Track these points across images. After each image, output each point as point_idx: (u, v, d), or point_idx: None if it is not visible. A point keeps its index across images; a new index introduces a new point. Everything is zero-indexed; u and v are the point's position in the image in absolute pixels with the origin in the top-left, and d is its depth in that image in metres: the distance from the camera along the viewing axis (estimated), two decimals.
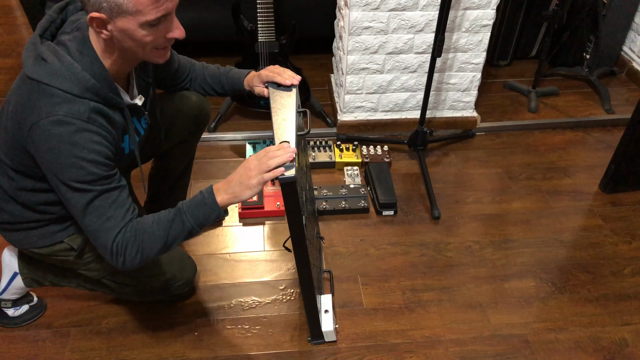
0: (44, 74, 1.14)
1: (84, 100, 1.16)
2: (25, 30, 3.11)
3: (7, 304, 1.60)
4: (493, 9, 2.12)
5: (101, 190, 1.18)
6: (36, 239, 1.39)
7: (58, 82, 1.14)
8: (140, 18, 1.11)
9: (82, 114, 1.14)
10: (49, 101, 1.13)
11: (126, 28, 1.12)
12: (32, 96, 1.15)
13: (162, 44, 1.20)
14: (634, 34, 2.80)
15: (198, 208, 1.24)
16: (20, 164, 1.26)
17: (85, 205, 1.18)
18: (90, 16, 1.10)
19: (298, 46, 2.32)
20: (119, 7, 1.09)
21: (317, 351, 1.57)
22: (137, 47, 1.17)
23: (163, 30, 1.17)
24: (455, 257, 1.88)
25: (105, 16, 1.10)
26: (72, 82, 1.14)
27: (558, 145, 2.40)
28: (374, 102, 2.33)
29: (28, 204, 1.33)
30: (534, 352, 1.60)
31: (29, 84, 1.16)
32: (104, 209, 1.19)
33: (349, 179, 2.18)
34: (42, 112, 1.13)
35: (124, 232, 1.21)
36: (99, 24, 1.12)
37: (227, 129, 2.39)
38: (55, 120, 1.12)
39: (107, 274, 1.50)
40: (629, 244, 1.95)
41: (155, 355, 1.56)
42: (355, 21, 2.07)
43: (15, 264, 1.55)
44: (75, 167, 1.15)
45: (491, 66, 2.88)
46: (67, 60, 1.15)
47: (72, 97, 1.14)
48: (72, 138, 1.13)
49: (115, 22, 1.12)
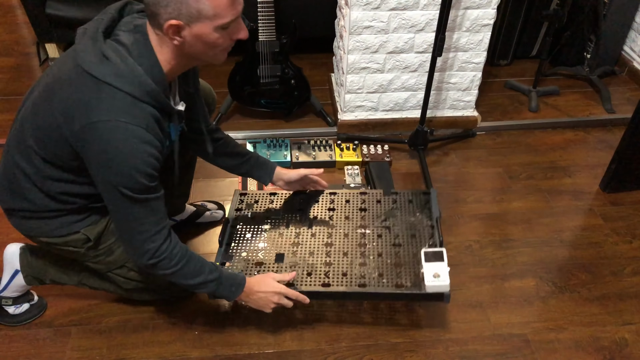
0: (107, 73, 1.14)
1: (144, 105, 1.17)
2: (26, 29, 3.11)
3: (7, 302, 1.60)
4: (494, 8, 2.12)
5: (144, 199, 1.22)
6: (53, 227, 1.38)
7: (121, 83, 1.14)
8: (217, 22, 1.14)
9: (141, 122, 1.16)
10: (112, 103, 1.14)
11: (201, 33, 1.15)
12: (92, 94, 1.14)
13: (229, 46, 1.23)
14: (634, 33, 2.79)
15: (226, 290, 1.45)
16: (53, 154, 1.25)
17: (126, 209, 1.23)
18: (169, 24, 1.11)
19: (298, 45, 2.32)
20: (199, 13, 1.11)
21: (317, 350, 1.58)
22: (206, 50, 1.20)
23: (232, 32, 1.20)
24: (456, 256, 1.88)
25: (182, 22, 1.12)
26: (134, 85, 1.15)
27: (558, 144, 2.40)
28: (375, 102, 2.33)
29: (52, 193, 1.32)
30: (534, 351, 1.60)
31: (88, 80, 1.14)
32: (143, 214, 1.25)
33: (350, 179, 2.18)
34: (102, 113, 1.13)
35: (164, 242, 1.30)
36: (175, 31, 1.14)
37: (228, 128, 2.39)
38: (116, 126, 1.13)
39: (115, 267, 1.50)
40: (629, 243, 1.95)
41: (155, 354, 1.56)
42: (356, 20, 2.07)
43: (17, 261, 1.55)
44: (126, 176, 1.17)
45: (492, 66, 2.87)
46: (130, 62, 1.15)
47: (133, 101, 1.15)
48: (129, 147, 1.15)
49: (191, 28, 1.14)
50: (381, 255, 1.63)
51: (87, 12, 2.57)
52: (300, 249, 1.66)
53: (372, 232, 1.71)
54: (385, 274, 1.57)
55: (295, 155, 2.23)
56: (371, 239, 1.69)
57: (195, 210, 1.93)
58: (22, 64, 2.83)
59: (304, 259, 1.63)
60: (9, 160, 1.33)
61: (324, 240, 1.69)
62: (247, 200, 1.83)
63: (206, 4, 1.11)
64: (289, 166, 2.22)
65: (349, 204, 1.80)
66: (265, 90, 2.34)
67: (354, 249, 1.66)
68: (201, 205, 1.96)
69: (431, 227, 1.71)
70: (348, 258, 1.63)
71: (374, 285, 1.54)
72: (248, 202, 1.82)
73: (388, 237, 1.69)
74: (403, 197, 1.82)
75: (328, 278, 1.57)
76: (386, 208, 1.79)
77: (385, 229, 1.72)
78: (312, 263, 1.62)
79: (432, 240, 1.66)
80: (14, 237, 1.66)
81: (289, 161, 2.21)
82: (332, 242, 1.69)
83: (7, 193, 1.36)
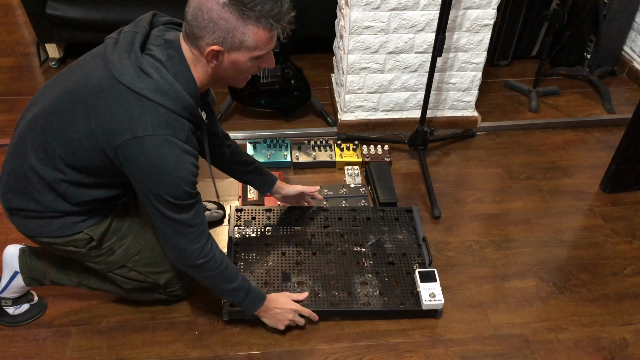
0: (148, 88, 1.17)
1: (183, 120, 1.22)
2: (26, 30, 3.11)
3: (7, 303, 1.60)
4: (494, 8, 2.12)
5: (190, 204, 1.29)
6: (56, 227, 1.38)
7: (162, 99, 1.18)
8: (254, 53, 1.21)
9: (182, 135, 1.21)
10: (155, 118, 1.18)
11: (237, 60, 1.22)
12: (134, 109, 1.17)
13: (254, 72, 1.29)
14: (634, 33, 2.79)
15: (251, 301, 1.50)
16: (81, 161, 1.27)
17: (172, 216, 1.28)
18: (211, 49, 1.17)
19: (299, 45, 2.32)
20: (241, 44, 1.18)
21: (317, 350, 1.58)
22: (235, 75, 1.27)
23: (261, 62, 1.26)
24: (456, 256, 1.88)
25: (223, 49, 1.18)
26: (174, 100, 1.19)
27: (559, 145, 2.40)
28: (375, 102, 2.33)
29: (66, 196, 1.33)
30: (534, 352, 1.60)
31: (128, 95, 1.17)
32: (188, 218, 1.30)
33: (350, 179, 2.18)
34: (147, 127, 1.17)
35: (207, 242, 1.37)
36: (214, 56, 1.19)
37: (228, 128, 2.38)
38: (161, 140, 1.18)
39: (116, 267, 1.50)
40: (629, 243, 1.95)
41: (155, 354, 1.56)
42: (356, 21, 2.07)
43: (16, 262, 1.55)
44: (173, 186, 1.23)
45: (492, 66, 2.87)
46: (169, 79, 1.19)
47: (174, 116, 1.20)
48: (174, 159, 1.20)
49: (230, 55, 1.20)
50: (379, 273, 1.73)
51: (87, 12, 2.57)
52: (304, 267, 1.73)
53: (367, 250, 1.80)
54: (385, 293, 1.67)
55: (295, 156, 2.23)
56: (367, 257, 1.78)
57: None
58: (22, 64, 2.83)
59: (310, 278, 1.70)
60: (21, 162, 1.32)
61: (325, 258, 1.77)
62: (244, 217, 1.89)
63: (250, 37, 1.17)
64: (289, 166, 2.23)
65: (342, 222, 1.89)
66: (265, 90, 2.34)
67: (353, 267, 1.75)
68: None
69: (418, 245, 1.82)
70: (349, 277, 1.71)
71: (378, 304, 1.64)
72: (246, 219, 1.88)
73: (382, 256, 1.79)
74: (390, 215, 1.92)
75: (334, 297, 1.65)
76: (376, 225, 1.89)
77: (379, 247, 1.81)
78: (318, 282, 1.69)
79: (421, 259, 1.78)
80: (14, 238, 1.66)
81: (289, 161, 2.22)
82: (332, 260, 1.76)
83: (13, 192, 1.36)
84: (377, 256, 1.78)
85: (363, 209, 1.95)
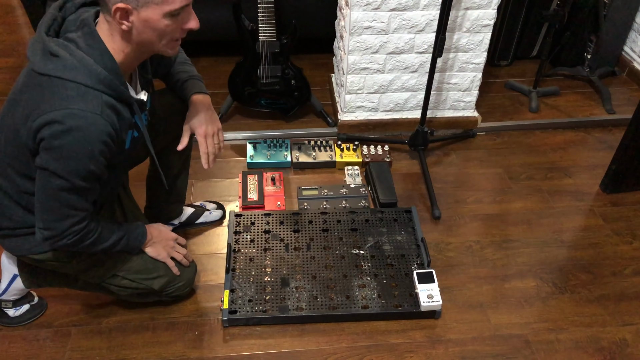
0: (55, 68, 1.14)
1: (97, 93, 1.17)
2: (26, 30, 3.11)
3: (7, 305, 1.60)
4: (494, 8, 2.12)
5: (83, 187, 1.23)
6: (34, 244, 1.38)
7: (71, 74, 1.14)
8: (165, 7, 1.14)
9: (96, 108, 1.16)
10: (63, 94, 1.14)
11: (149, 18, 1.15)
12: (44, 90, 1.15)
13: (178, 35, 1.23)
14: (635, 34, 2.79)
15: (136, 240, 1.47)
16: (25, 167, 1.26)
17: (57, 191, 1.21)
18: (116, 7, 1.12)
19: (299, 46, 2.32)
20: None
21: (317, 351, 1.58)
22: (155, 38, 1.20)
23: (182, 21, 1.20)
24: (456, 257, 1.88)
25: (130, 7, 1.12)
26: (84, 74, 1.15)
27: (559, 145, 2.40)
28: (375, 102, 2.33)
29: (30, 207, 1.32)
30: (534, 352, 1.60)
31: (39, 80, 1.16)
32: (73, 200, 1.24)
33: (350, 179, 2.18)
34: (55, 104, 1.13)
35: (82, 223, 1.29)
36: (123, 15, 1.14)
37: (228, 128, 2.39)
38: (70, 113, 1.13)
39: (107, 277, 1.50)
40: (629, 244, 1.95)
41: (155, 354, 1.56)
42: (356, 21, 2.07)
43: (15, 266, 1.55)
44: (76, 161, 1.17)
45: (492, 66, 2.87)
46: (78, 54, 1.16)
47: (85, 89, 1.15)
48: (83, 133, 1.14)
49: (139, 13, 1.14)
50: (377, 276, 1.73)
51: None
52: (303, 272, 1.74)
53: (365, 252, 1.80)
54: (383, 295, 1.67)
55: (295, 156, 2.23)
56: (366, 260, 1.78)
57: (194, 211, 1.92)
58: (22, 64, 2.83)
59: (309, 283, 1.71)
60: None
61: (324, 263, 1.77)
62: (243, 222, 1.89)
63: None
64: (289, 167, 2.22)
65: (341, 224, 1.89)
66: (265, 90, 2.34)
67: (352, 270, 1.75)
68: (200, 206, 1.96)
69: (417, 246, 1.82)
70: (348, 280, 1.71)
71: (376, 307, 1.64)
72: (245, 225, 1.89)
73: (381, 258, 1.79)
74: (388, 216, 1.92)
75: (333, 301, 1.65)
76: (375, 227, 1.89)
77: (377, 249, 1.81)
78: (316, 286, 1.69)
79: (420, 259, 1.78)
80: None
81: (289, 161, 2.21)
82: (331, 264, 1.77)
83: None
84: (375, 258, 1.78)
85: (362, 210, 1.95)
